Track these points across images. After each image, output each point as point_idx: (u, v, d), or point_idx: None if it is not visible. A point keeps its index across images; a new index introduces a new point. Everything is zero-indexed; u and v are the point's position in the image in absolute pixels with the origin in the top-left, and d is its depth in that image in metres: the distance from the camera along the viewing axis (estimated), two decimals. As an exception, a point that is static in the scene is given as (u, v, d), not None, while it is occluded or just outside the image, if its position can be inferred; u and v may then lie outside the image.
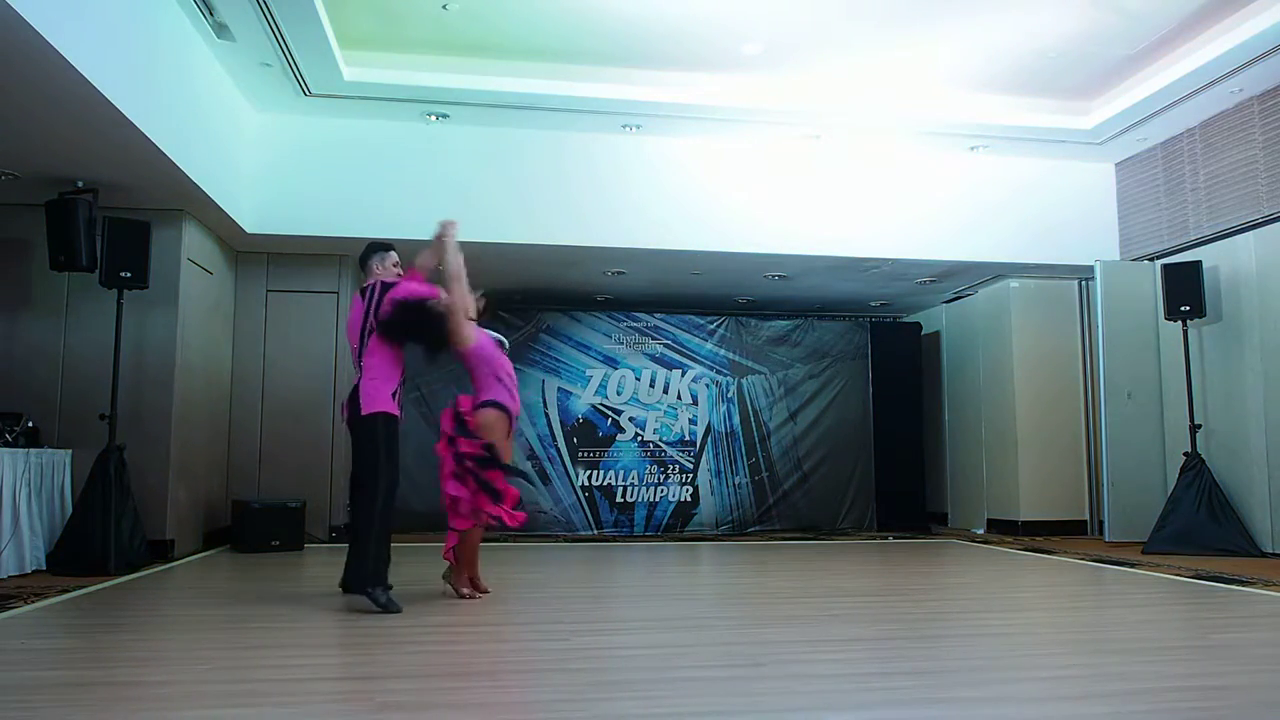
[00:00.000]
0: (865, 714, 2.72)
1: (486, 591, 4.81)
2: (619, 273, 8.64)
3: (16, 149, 5.40)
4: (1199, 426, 7.14)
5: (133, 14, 4.99)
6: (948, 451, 9.92)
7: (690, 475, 9.28)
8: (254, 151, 7.11)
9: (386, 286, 4.56)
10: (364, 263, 4.79)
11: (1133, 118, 7.35)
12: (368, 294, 4.59)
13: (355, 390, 4.50)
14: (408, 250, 4.84)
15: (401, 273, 4.74)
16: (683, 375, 9.41)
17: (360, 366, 4.53)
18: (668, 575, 6.29)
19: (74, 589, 4.93)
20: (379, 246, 4.82)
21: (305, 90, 6.73)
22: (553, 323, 9.30)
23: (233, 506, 7.11)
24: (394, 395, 4.52)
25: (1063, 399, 8.76)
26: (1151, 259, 7.89)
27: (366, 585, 4.28)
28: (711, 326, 9.58)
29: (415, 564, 5.73)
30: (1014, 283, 8.84)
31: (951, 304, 9.97)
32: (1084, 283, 8.78)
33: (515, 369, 4.93)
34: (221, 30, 5.83)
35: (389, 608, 4.22)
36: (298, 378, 7.65)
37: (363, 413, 4.44)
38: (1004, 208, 8.15)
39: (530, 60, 6.76)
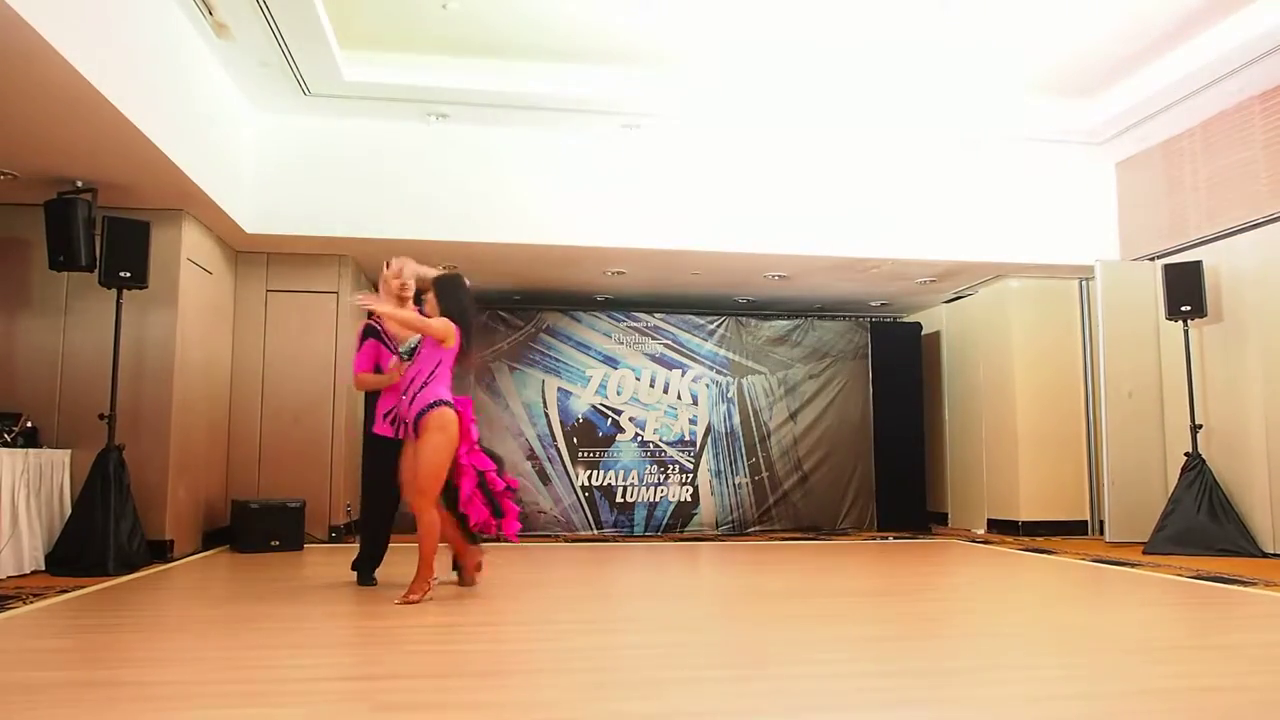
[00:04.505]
0: (865, 714, 2.71)
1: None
2: (619, 273, 8.63)
3: (16, 149, 5.39)
4: (1200, 426, 7.14)
5: (133, 14, 4.99)
6: (948, 451, 9.91)
7: (690, 475, 9.28)
8: (254, 151, 7.10)
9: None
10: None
11: (1133, 118, 7.34)
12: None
13: None
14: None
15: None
16: (683, 375, 9.41)
17: None
18: (668, 575, 6.28)
19: (73, 589, 4.92)
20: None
21: (305, 90, 6.73)
22: (553, 323, 9.30)
23: (232, 506, 7.10)
24: (386, 415, 4.97)
25: (1063, 399, 8.75)
26: (1152, 259, 7.89)
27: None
28: (711, 326, 9.57)
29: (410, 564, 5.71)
30: (1014, 282, 8.84)
31: (951, 304, 9.97)
32: (1084, 282, 8.77)
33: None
34: (221, 30, 5.83)
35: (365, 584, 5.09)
36: (298, 378, 7.65)
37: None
38: (1004, 207, 8.15)
39: (530, 60, 6.75)
